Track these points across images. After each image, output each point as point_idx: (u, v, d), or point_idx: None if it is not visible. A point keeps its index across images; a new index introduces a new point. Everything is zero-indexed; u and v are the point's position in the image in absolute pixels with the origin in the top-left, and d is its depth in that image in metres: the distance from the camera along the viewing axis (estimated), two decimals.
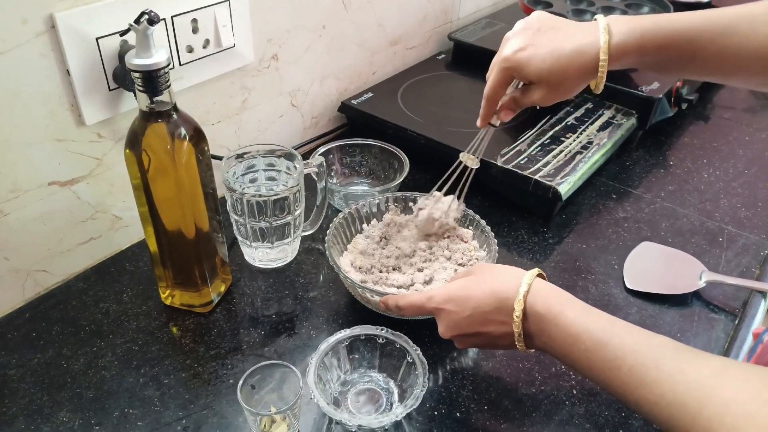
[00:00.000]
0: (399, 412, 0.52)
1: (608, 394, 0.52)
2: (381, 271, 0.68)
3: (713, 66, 0.56)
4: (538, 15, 0.61)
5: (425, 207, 0.70)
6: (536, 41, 0.57)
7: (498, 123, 0.65)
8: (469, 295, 0.54)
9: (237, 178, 0.69)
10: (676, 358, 0.43)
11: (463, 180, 0.69)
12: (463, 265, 0.68)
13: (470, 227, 0.72)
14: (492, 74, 0.61)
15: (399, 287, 0.66)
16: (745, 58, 0.53)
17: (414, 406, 0.52)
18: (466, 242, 0.71)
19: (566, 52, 0.56)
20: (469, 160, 0.68)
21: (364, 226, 0.74)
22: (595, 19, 0.57)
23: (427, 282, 0.67)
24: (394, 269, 0.68)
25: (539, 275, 0.53)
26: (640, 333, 0.47)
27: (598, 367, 0.47)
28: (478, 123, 0.65)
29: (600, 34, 0.55)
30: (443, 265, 0.68)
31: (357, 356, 0.59)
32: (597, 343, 0.47)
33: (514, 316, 0.51)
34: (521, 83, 0.63)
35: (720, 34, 0.53)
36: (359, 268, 0.68)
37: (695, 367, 0.42)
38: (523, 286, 0.51)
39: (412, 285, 0.66)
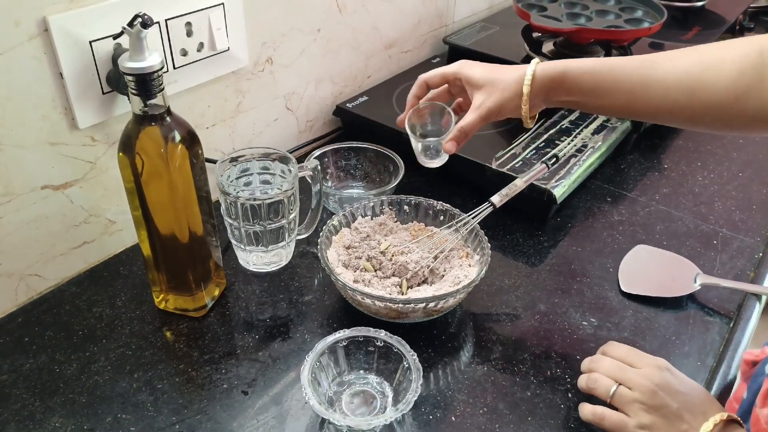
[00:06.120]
0: (389, 415, 0.52)
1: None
2: (361, 268, 0.68)
3: (642, 98, 0.60)
4: None
5: (402, 254, 0.69)
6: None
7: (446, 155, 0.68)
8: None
9: (231, 182, 0.68)
10: None
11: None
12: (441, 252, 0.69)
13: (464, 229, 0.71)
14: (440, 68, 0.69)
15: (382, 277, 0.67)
16: (671, 87, 0.58)
17: (404, 411, 0.52)
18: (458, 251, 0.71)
19: (507, 67, 0.65)
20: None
21: (355, 224, 0.74)
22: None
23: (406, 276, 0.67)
24: (376, 269, 0.68)
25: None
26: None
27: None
28: (398, 119, 0.70)
29: (533, 62, 0.64)
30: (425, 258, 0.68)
31: (354, 358, 0.59)
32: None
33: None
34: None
35: (647, 68, 0.59)
36: (342, 263, 0.68)
37: None
38: None
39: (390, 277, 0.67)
